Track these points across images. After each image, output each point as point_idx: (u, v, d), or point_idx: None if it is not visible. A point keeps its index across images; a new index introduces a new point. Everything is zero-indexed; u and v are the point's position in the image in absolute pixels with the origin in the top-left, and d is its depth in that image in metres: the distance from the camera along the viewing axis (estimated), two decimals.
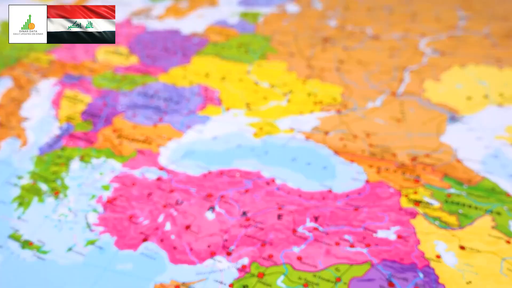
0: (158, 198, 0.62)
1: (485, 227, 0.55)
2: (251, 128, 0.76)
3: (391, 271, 0.50)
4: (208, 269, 0.52)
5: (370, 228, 0.56)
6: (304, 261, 0.52)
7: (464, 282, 0.48)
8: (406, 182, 0.63)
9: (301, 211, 0.59)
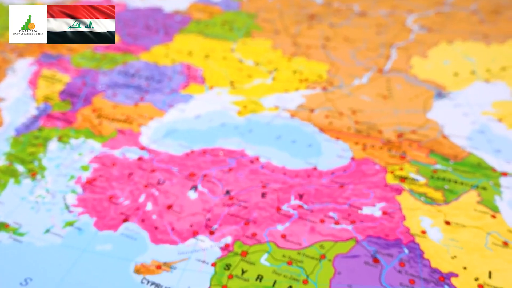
0: (139, 178, 0.60)
1: (470, 202, 0.54)
2: (235, 107, 0.74)
3: (376, 247, 0.49)
4: (190, 248, 0.51)
5: (355, 205, 0.55)
6: (288, 239, 0.51)
7: (449, 257, 0.48)
8: (392, 158, 0.62)
9: (285, 189, 0.58)
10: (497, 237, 0.50)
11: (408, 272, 0.47)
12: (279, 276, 0.47)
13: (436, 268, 0.47)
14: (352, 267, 0.47)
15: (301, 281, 0.46)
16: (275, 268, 0.48)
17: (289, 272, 0.47)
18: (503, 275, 0.46)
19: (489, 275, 0.46)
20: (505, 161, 0.60)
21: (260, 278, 0.47)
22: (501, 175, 0.58)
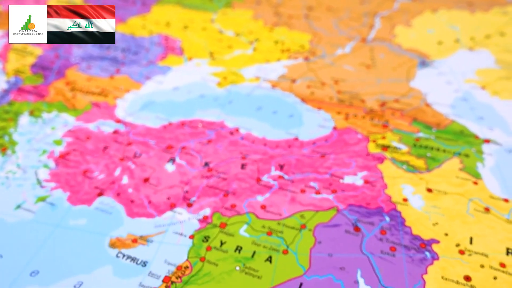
0: (114, 152, 0.59)
1: (452, 170, 0.54)
2: (214, 78, 0.72)
3: (357, 216, 0.49)
4: (167, 221, 0.49)
5: (336, 174, 0.54)
6: (268, 209, 0.50)
7: (431, 223, 0.48)
8: (375, 127, 0.61)
9: (266, 160, 0.57)
10: (478, 203, 0.49)
11: (389, 239, 0.46)
12: (259, 247, 0.46)
13: (417, 235, 0.46)
14: (333, 236, 0.47)
15: (281, 251, 0.46)
16: (254, 239, 0.47)
17: (269, 243, 0.46)
18: (484, 240, 0.45)
19: (470, 241, 0.45)
20: (488, 128, 0.59)
21: (239, 249, 0.46)
22: (483, 142, 0.57)
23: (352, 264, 0.44)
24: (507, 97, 0.65)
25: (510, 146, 0.56)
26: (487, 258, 0.44)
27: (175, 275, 0.44)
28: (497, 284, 0.42)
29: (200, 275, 0.44)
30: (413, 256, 0.44)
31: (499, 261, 0.44)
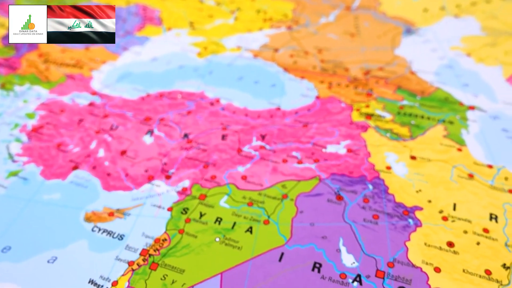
0: (90, 124, 0.57)
1: (437, 137, 0.53)
2: (194, 48, 0.70)
3: (340, 185, 0.48)
4: (145, 194, 0.48)
5: (319, 143, 0.53)
6: (249, 180, 0.49)
7: (414, 191, 0.47)
8: (358, 96, 0.60)
9: (247, 131, 0.55)
10: (462, 169, 0.49)
11: (372, 207, 0.45)
12: (239, 217, 0.45)
13: (400, 203, 0.45)
14: (315, 205, 0.46)
15: (262, 221, 0.44)
16: (234, 210, 0.46)
17: (250, 213, 0.45)
18: (467, 206, 0.45)
19: (453, 207, 0.45)
20: (472, 95, 0.58)
21: (219, 221, 0.45)
22: (468, 109, 0.56)
23: (334, 233, 0.43)
24: (492, 64, 0.64)
25: (494, 113, 0.56)
26: (471, 224, 0.43)
27: (153, 248, 0.43)
28: (480, 249, 0.41)
29: (179, 247, 0.43)
30: (396, 223, 0.44)
31: (483, 227, 0.43)
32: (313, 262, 0.41)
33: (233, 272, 0.40)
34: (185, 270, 0.41)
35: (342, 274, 0.40)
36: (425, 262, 0.40)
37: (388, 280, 0.39)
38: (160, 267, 0.41)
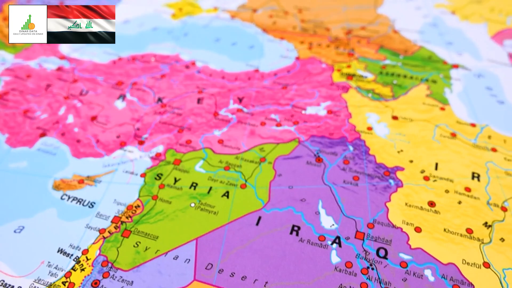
0: (58, 90, 0.54)
1: (419, 96, 0.51)
2: (168, 9, 0.67)
3: (320, 147, 0.46)
4: (117, 160, 0.46)
5: (299, 105, 0.51)
6: (226, 144, 0.47)
7: (395, 151, 0.46)
8: (340, 56, 0.58)
9: (224, 93, 0.53)
10: (445, 128, 0.48)
11: (352, 169, 0.44)
12: (215, 182, 0.44)
13: (381, 163, 0.44)
14: (294, 168, 0.45)
15: (239, 185, 0.43)
16: (211, 175, 0.44)
17: (226, 178, 0.44)
18: (449, 165, 0.44)
19: (435, 167, 0.44)
20: (456, 53, 0.57)
21: (194, 186, 0.43)
22: (452, 67, 0.55)
23: (313, 195, 0.42)
24: (477, 21, 0.62)
25: (478, 71, 0.54)
26: (452, 183, 0.43)
27: (125, 214, 0.41)
28: (462, 208, 0.41)
29: (152, 213, 0.41)
30: (377, 184, 0.43)
31: (464, 186, 0.42)
32: (291, 225, 0.40)
33: (209, 237, 0.39)
34: (158, 237, 0.39)
35: (321, 236, 0.39)
36: (406, 223, 0.40)
37: (368, 241, 0.38)
38: (133, 234, 0.40)
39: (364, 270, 0.37)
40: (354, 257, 0.37)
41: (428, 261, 0.37)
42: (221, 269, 0.37)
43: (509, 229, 0.39)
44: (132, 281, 0.37)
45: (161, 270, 0.37)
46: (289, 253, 0.38)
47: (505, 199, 0.42)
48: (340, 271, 0.37)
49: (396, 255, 0.38)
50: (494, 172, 0.44)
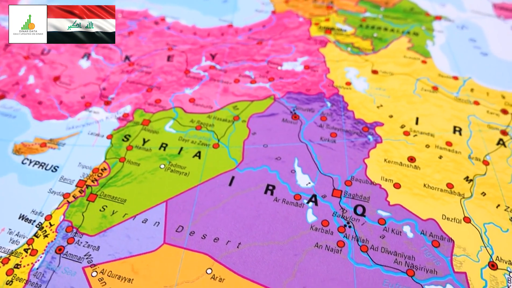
0: (18, 49, 0.51)
1: (400, 49, 0.50)
2: None
3: (296, 104, 0.45)
4: (81, 122, 0.44)
5: (274, 61, 0.49)
6: (197, 102, 0.45)
7: (375, 106, 0.44)
8: (318, 9, 0.55)
9: (195, 50, 0.51)
10: (426, 82, 0.46)
11: (330, 125, 0.43)
12: (186, 142, 0.42)
13: (360, 119, 0.43)
14: (269, 126, 0.43)
15: (211, 145, 0.42)
16: (181, 135, 0.43)
17: (198, 138, 0.42)
18: (430, 119, 0.43)
19: (416, 121, 0.43)
20: (439, 5, 0.55)
21: (164, 147, 0.42)
22: (434, 19, 0.53)
23: (289, 153, 0.40)
24: None
25: (462, 22, 0.53)
26: (433, 137, 0.41)
27: (91, 178, 0.39)
28: (442, 163, 0.40)
29: (120, 176, 0.40)
30: (355, 140, 0.41)
31: (446, 140, 0.41)
32: (266, 184, 0.39)
33: (179, 199, 0.38)
34: (126, 200, 0.38)
35: (296, 195, 0.38)
36: (385, 179, 0.39)
37: (345, 199, 0.37)
38: (99, 198, 0.38)
39: (341, 228, 0.36)
40: (330, 215, 0.36)
41: (407, 218, 0.36)
42: (192, 231, 0.36)
43: (491, 183, 0.39)
44: (98, 246, 0.35)
45: (129, 234, 0.36)
46: (264, 213, 0.37)
47: (487, 152, 0.41)
48: (316, 230, 0.36)
49: (374, 212, 0.37)
50: (476, 125, 0.43)
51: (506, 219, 0.36)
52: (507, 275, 0.33)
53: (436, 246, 0.35)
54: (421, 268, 0.33)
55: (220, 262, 0.34)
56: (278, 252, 0.34)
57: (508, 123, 0.43)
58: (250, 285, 0.33)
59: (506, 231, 0.36)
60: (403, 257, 0.34)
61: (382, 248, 0.35)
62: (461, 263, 0.34)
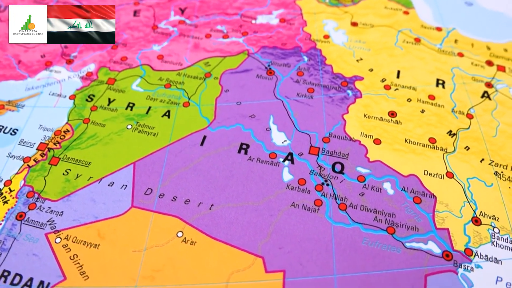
0: None
1: (381, 0, 0.48)
2: None
3: (271, 59, 0.43)
4: (42, 82, 0.42)
5: (248, 14, 0.47)
6: (166, 59, 0.43)
7: (354, 60, 0.43)
8: None
9: (163, 4, 0.48)
10: (408, 34, 0.44)
11: (307, 81, 0.41)
12: (155, 101, 0.40)
13: (338, 73, 0.41)
14: (243, 82, 0.41)
15: (181, 104, 0.40)
16: (149, 94, 0.41)
17: (167, 96, 0.40)
18: (412, 72, 0.41)
19: (397, 75, 0.41)
20: None
21: (131, 106, 0.40)
22: None
23: (264, 110, 0.39)
24: None
25: None
26: (415, 91, 0.40)
27: (53, 141, 0.37)
28: (425, 117, 0.38)
29: (84, 138, 0.38)
30: (333, 96, 0.40)
31: (428, 93, 0.40)
32: (240, 143, 0.37)
33: (148, 161, 0.36)
34: (91, 163, 0.36)
35: (272, 154, 0.36)
36: (364, 135, 0.37)
37: (323, 156, 0.36)
38: (62, 161, 0.36)
39: (319, 186, 0.34)
40: (307, 173, 0.35)
41: (387, 174, 0.35)
42: (162, 194, 0.34)
43: (475, 137, 0.38)
44: (62, 211, 0.34)
45: (95, 198, 0.34)
46: (237, 173, 0.35)
47: (471, 105, 0.40)
48: (293, 189, 0.34)
49: (353, 169, 0.35)
50: (460, 78, 0.41)
51: (490, 174, 0.36)
52: (491, 230, 0.33)
53: (418, 203, 0.34)
54: (402, 226, 0.33)
55: (192, 224, 0.33)
56: (252, 213, 0.33)
57: (493, 75, 0.42)
58: (223, 247, 0.32)
59: (490, 185, 0.35)
60: (383, 214, 0.33)
61: (362, 206, 0.34)
62: (443, 219, 0.33)
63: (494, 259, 0.31)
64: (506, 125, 0.38)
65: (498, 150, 0.37)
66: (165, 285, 0.30)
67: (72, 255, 0.32)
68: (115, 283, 0.30)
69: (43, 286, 0.30)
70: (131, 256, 0.31)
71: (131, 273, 0.31)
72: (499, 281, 0.30)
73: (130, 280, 0.30)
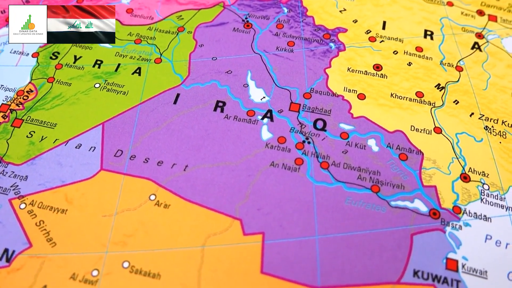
0: None
1: None
2: None
3: (249, 11, 0.41)
4: (2, 39, 0.40)
5: None
6: (136, 13, 0.41)
7: (337, 10, 0.41)
8: None
9: None
10: None
11: (287, 33, 0.39)
12: (124, 58, 0.38)
13: (321, 25, 0.40)
14: (218, 36, 0.39)
15: (153, 60, 0.38)
16: (118, 50, 0.39)
17: (137, 52, 0.38)
18: (399, 23, 0.40)
19: (383, 26, 0.40)
20: None
21: (98, 64, 0.38)
22: None
23: (241, 66, 0.37)
24: None
25: None
26: (402, 43, 0.39)
27: (15, 101, 0.36)
28: (412, 70, 0.37)
29: (48, 98, 0.36)
30: (315, 49, 0.38)
31: (415, 45, 0.38)
32: (216, 101, 0.35)
33: (118, 121, 0.35)
34: (57, 124, 0.34)
35: (250, 111, 0.35)
36: (348, 90, 0.36)
37: (304, 113, 0.35)
38: (26, 123, 0.34)
39: (300, 144, 0.33)
40: (288, 131, 0.34)
41: (372, 130, 0.34)
42: (133, 155, 0.33)
43: (464, 90, 0.36)
44: (26, 176, 0.32)
45: (61, 161, 0.33)
46: (213, 132, 0.34)
47: (460, 57, 0.38)
48: (272, 147, 0.33)
49: (336, 126, 0.34)
50: (450, 28, 0.40)
51: (480, 128, 0.34)
52: (480, 187, 0.32)
53: (404, 160, 0.33)
54: (387, 184, 0.32)
55: (165, 187, 0.32)
56: (229, 173, 0.32)
57: (484, 25, 0.40)
58: (198, 210, 0.31)
59: (480, 140, 0.34)
60: (368, 172, 0.32)
61: (345, 164, 0.32)
62: (430, 177, 0.32)
63: (484, 216, 0.31)
64: (497, 78, 0.37)
65: (488, 103, 0.36)
66: (137, 250, 0.29)
67: (38, 221, 0.30)
68: (84, 249, 0.29)
69: (8, 254, 0.29)
70: (101, 221, 0.30)
71: (101, 238, 0.30)
72: (488, 239, 0.30)
73: (100, 246, 0.29)
